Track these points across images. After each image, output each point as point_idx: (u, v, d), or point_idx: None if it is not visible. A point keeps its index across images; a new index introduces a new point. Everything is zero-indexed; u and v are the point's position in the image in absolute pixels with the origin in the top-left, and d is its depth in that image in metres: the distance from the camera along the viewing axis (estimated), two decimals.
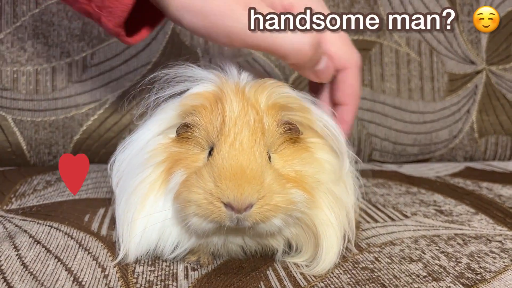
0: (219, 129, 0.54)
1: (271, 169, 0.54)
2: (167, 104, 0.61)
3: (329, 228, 0.57)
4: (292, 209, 0.53)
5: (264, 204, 0.52)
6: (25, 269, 0.55)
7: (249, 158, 0.52)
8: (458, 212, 0.78)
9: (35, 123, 1.02)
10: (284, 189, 0.53)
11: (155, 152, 0.58)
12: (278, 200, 0.52)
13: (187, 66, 0.62)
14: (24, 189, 0.83)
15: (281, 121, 0.57)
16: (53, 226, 0.66)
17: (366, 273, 0.56)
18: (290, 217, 0.54)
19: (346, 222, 0.59)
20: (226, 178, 0.51)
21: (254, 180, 0.51)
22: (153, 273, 0.56)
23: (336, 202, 0.58)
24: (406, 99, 1.16)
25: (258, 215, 0.51)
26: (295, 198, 0.53)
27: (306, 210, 0.55)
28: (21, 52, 1.02)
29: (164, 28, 1.06)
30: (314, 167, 0.57)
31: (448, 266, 0.58)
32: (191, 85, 0.60)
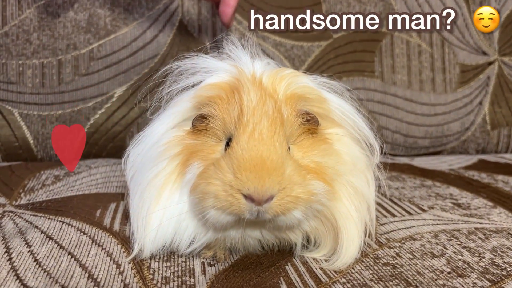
0: (236, 119, 0.53)
1: (291, 160, 0.52)
2: (181, 97, 0.59)
3: (350, 221, 0.55)
4: (313, 201, 0.52)
5: (285, 196, 0.50)
6: (38, 266, 0.53)
7: (269, 148, 0.50)
8: (476, 205, 0.76)
9: (42, 117, 1.00)
10: (305, 180, 0.51)
11: (170, 145, 0.56)
12: (299, 191, 0.51)
13: (200, 57, 0.60)
14: (32, 184, 0.81)
15: (300, 112, 0.55)
16: (64, 222, 0.64)
17: (388, 269, 0.55)
18: (310, 209, 0.53)
19: (367, 215, 0.58)
20: (246, 169, 0.49)
21: (275, 171, 0.49)
22: (169, 269, 0.54)
23: (357, 194, 0.57)
24: (417, 91, 1.14)
25: (279, 207, 0.50)
26: (316, 190, 0.52)
27: (326, 202, 0.53)
28: (26, 45, 1.00)
29: (171, 19, 1.05)
30: (333, 158, 0.56)
31: (472, 262, 0.57)
32: (205, 76, 0.58)
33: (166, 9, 1.04)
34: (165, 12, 1.04)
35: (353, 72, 1.12)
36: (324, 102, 0.58)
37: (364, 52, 1.12)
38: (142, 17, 1.04)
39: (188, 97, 0.58)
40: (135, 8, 1.03)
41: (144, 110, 1.02)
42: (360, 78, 1.12)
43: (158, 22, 1.04)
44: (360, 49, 1.12)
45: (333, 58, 1.11)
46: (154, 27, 1.04)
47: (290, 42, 1.09)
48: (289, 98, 0.55)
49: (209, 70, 0.59)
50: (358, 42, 1.12)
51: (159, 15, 1.04)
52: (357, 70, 1.12)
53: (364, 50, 1.12)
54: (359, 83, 1.12)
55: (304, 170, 0.52)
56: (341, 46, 1.11)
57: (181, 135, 0.57)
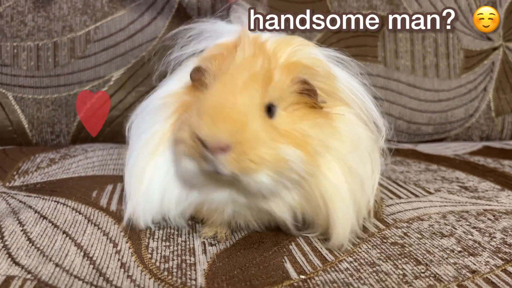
0: (222, 71, 0.50)
1: (263, 119, 0.48)
2: (189, 61, 0.58)
3: (338, 200, 0.51)
4: (282, 167, 0.48)
5: (243, 152, 0.46)
6: (31, 245, 0.51)
7: (237, 98, 0.47)
8: (483, 188, 0.74)
9: (37, 100, 0.97)
10: (274, 142, 0.48)
11: (168, 100, 0.55)
12: (263, 151, 0.47)
13: (214, 21, 0.58)
14: (27, 166, 0.79)
15: (297, 79, 0.51)
16: (59, 202, 0.62)
17: (396, 248, 0.53)
18: (282, 177, 0.48)
19: (363, 198, 0.54)
20: (206, 114, 0.47)
21: (232, 120, 0.46)
22: (168, 248, 0.52)
23: (351, 174, 0.52)
24: (420, 77, 1.12)
25: (235, 163, 0.46)
26: (286, 155, 0.48)
27: (303, 172, 0.49)
28: (21, 27, 0.97)
29: (170, 2, 1.02)
30: (326, 132, 0.52)
31: (483, 241, 0.54)
32: (215, 40, 0.57)
33: None
34: None
35: (356, 57, 1.07)
36: (332, 78, 0.55)
37: (367, 36, 1.10)
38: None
39: (195, 59, 0.57)
40: None
41: (141, 95, 0.99)
42: (362, 63, 1.08)
43: (157, 4, 1.01)
44: (363, 33, 1.10)
45: (336, 42, 1.08)
46: (152, 9, 1.01)
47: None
48: (290, 65, 0.51)
49: (219, 33, 0.57)
50: None
51: None
52: (359, 54, 1.10)
53: (367, 34, 1.10)
54: (361, 68, 1.10)
55: (278, 134, 0.49)
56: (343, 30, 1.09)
57: (180, 91, 0.55)
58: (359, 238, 0.55)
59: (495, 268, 0.48)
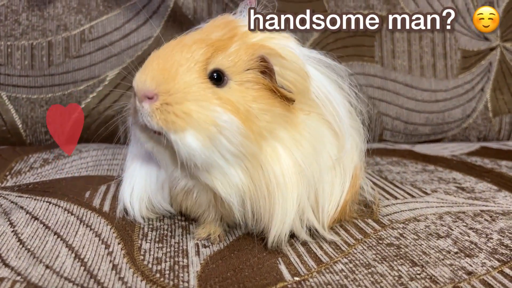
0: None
1: (204, 80, 0.47)
2: None
3: (279, 194, 0.48)
4: (212, 132, 0.46)
5: (167, 103, 0.45)
6: (21, 246, 0.50)
7: (175, 55, 0.47)
8: (480, 189, 0.74)
9: (31, 100, 0.97)
10: (208, 103, 0.46)
11: None
12: (190, 107, 0.45)
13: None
14: (19, 166, 0.78)
15: (256, 55, 0.48)
16: (51, 202, 0.61)
17: (392, 249, 0.52)
18: (216, 145, 0.46)
19: (309, 201, 0.51)
20: (143, 66, 0.48)
21: (163, 70, 0.46)
22: (161, 250, 0.51)
23: (299, 172, 0.49)
24: (418, 77, 1.12)
25: (159, 114, 0.45)
26: (219, 120, 0.46)
27: (240, 146, 0.47)
28: (15, 26, 0.96)
29: (165, 1, 1.01)
30: (278, 120, 0.49)
31: (480, 242, 0.54)
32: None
33: None
34: None
35: (353, 57, 1.09)
36: (304, 77, 0.50)
37: (364, 36, 1.09)
38: None
39: None
40: None
41: None
42: (359, 63, 1.09)
43: (152, 4, 1.01)
44: (360, 33, 1.09)
45: (332, 42, 1.08)
46: (148, 8, 1.01)
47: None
48: (256, 45, 0.49)
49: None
50: None
51: None
52: (356, 54, 1.09)
53: (364, 34, 1.09)
54: (358, 68, 1.09)
55: (218, 98, 0.46)
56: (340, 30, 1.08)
57: None
58: (355, 239, 0.54)
59: (492, 270, 0.48)
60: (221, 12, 1.03)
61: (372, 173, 0.81)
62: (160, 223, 0.58)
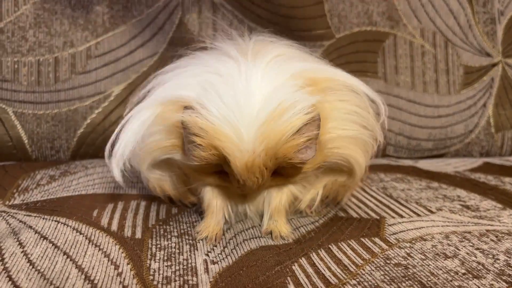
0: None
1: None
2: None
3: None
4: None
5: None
6: (31, 267, 0.50)
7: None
8: (485, 207, 0.74)
9: (37, 116, 0.97)
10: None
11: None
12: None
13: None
14: (27, 184, 0.78)
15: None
16: (60, 221, 0.62)
17: (400, 269, 0.52)
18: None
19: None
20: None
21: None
22: (170, 268, 0.52)
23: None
24: (420, 92, 1.13)
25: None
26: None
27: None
28: (22, 42, 0.97)
29: (171, 17, 1.02)
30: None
31: (487, 263, 0.54)
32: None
33: (166, 7, 1.02)
34: (165, 9, 1.02)
35: (356, 73, 1.10)
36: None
37: (367, 52, 1.11)
38: (141, 15, 1.01)
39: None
40: (134, 6, 1.01)
41: None
42: (363, 78, 1.09)
43: (158, 20, 1.02)
44: (363, 49, 1.10)
45: (336, 58, 1.09)
46: (153, 24, 1.02)
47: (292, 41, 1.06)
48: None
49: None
50: (361, 43, 1.10)
51: (159, 12, 1.02)
52: (360, 70, 1.10)
53: (367, 50, 1.11)
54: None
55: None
56: (343, 46, 1.10)
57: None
58: (362, 259, 0.55)
59: None
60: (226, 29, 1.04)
61: (377, 190, 0.81)
62: (168, 242, 0.59)
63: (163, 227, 0.63)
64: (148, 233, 0.61)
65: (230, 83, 0.52)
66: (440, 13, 1.14)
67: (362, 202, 0.75)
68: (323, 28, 1.08)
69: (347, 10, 1.10)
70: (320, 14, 1.08)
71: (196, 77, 0.55)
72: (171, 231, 0.62)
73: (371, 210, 0.71)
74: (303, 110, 0.51)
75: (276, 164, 0.52)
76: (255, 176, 0.52)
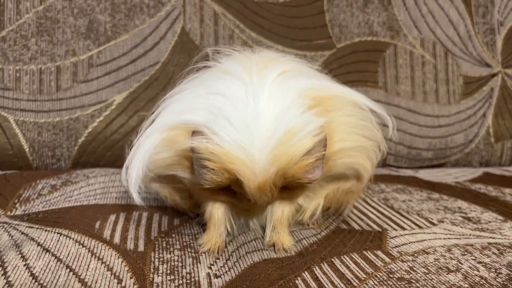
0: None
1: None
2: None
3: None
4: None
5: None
6: (34, 281, 0.50)
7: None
8: (486, 219, 0.74)
9: (38, 124, 0.97)
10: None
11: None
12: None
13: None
14: (28, 193, 0.78)
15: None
16: (62, 234, 0.61)
17: (403, 284, 0.52)
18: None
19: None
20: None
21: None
22: (173, 283, 0.52)
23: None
24: (420, 102, 1.13)
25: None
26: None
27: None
28: (24, 51, 0.98)
29: (173, 26, 1.03)
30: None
31: (489, 278, 0.54)
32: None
33: (168, 16, 1.03)
34: (167, 19, 1.03)
35: (356, 83, 1.11)
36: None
37: (368, 62, 1.11)
38: (143, 24, 1.02)
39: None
40: (136, 15, 1.02)
41: (143, 119, 0.99)
42: (363, 88, 1.11)
43: (160, 29, 1.02)
44: (364, 59, 1.11)
45: (336, 68, 1.10)
46: (155, 34, 1.02)
47: (293, 51, 1.07)
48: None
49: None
50: (362, 52, 1.11)
51: (161, 22, 1.02)
52: (360, 80, 1.11)
53: (368, 60, 1.11)
54: (362, 93, 1.10)
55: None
56: (344, 56, 1.10)
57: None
58: (365, 273, 0.55)
59: None
60: (227, 37, 1.04)
61: (378, 201, 0.82)
62: (170, 255, 0.59)
63: (165, 240, 0.63)
64: (151, 245, 0.61)
65: (237, 105, 0.53)
66: (440, 23, 1.15)
67: (363, 214, 0.75)
68: (324, 38, 1.09)
69: (348, 20, 1.10)
70: (321, 24, 1.09)
71: (202, 99, 0.56)
72: (173, 244, 0.62)
73: (373, 222, 0.71)
74: (312, 132, 0.52)
75: (285, 183, 0.54)
76: (266, 195, 0.53)
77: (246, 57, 0.61)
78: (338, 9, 1.10)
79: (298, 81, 0.57)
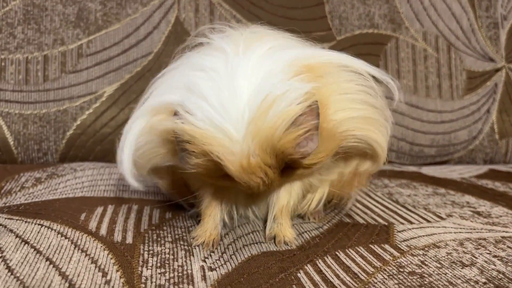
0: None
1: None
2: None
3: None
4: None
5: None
6: (10, 273, 0.45)
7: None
8: (497, 214, 0.70)
9: (24, 116, 0.92)
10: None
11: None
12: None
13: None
14: (10, 186, 0.73)
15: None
16: (43, 225, 0.57)
17: (415, 278, 0.48)
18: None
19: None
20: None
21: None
22: (163, 276, 0.47)
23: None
24: (423, 97, 1.09)
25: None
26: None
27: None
28: (10, 39, 0.93)
29: (167, 16, 0.99)
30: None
31: (507, 272, 0.50)
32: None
33: (162, 5, 0.99)
34: (161, 8, 0.99)
35: None
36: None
37: (369, 55, 1.07)
38: (135, 13, 0.98)
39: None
40: (129, 3, 0.97)
41: None
42: None
43: (153, 19, 0.98)
44: (365, 52, 1.07)
45: None
46: (148, 23, 0.98)
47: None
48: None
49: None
50: (363, 45, 1.07)
51: (154, 11, 0.98)
52: None
53: (369, 53, 1.07)
54: None
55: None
56: (344, 48, 1.06)
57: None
58: (373, 267, 0.50)
59: None
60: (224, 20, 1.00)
61: (382, 195, 0.77)
62: (161, 247, 0.54)
63: (156, 232, 0.58)
64: (140, 238, 0.56)
65: (214, 79, 0.47)
66: (442, 16, 1.11)
67: (367, 208, 0.71)
68: (324, 30, 1.05)
69: (348, 12, 1.07)
70: (320, 15, 1.05)
71: (183, 77, 0.51)
72: (164, 236, 0.57)
73: (378, 216, 0.67)
74: (296, 100, 0.45)
75: (279, 161, 0.48)
76: (257, 177, 0.47)
77: (239, 33, 0.56)
78: (338, 0, 1.06)
79: (287, 51, 0.50)
